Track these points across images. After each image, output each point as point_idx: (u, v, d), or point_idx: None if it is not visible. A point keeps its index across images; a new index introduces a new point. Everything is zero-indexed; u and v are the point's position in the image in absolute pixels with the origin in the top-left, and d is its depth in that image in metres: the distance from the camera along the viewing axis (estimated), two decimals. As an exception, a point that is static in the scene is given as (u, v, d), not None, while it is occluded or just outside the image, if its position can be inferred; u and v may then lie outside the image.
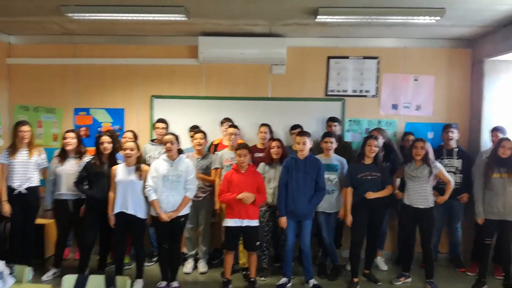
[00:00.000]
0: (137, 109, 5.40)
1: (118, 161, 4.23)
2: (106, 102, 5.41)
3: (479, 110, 4.96)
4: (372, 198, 4.18)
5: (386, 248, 5.04)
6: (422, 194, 4.16)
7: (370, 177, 4.23)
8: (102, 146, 4.21)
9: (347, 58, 5.27)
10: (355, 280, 4.31)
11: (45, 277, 4.34)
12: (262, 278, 4.45)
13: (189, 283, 4.40)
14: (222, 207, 4.45)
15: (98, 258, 4.42)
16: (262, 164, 4.44)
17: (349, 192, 4.29)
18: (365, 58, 5.27)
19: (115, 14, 4.19)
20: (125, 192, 4.04)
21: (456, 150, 4.76)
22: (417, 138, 4.35)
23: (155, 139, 4.95)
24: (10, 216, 4.26)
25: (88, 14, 4.22)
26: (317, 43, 5.23)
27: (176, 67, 5.35)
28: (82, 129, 5.32)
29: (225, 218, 4.14)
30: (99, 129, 5.31)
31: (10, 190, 4.26)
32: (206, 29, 4.87)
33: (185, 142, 4.71)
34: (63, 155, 4.38)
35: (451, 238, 4.98)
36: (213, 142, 4.99)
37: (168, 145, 4.03)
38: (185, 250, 4.74)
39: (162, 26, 4.79)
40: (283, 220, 4.15)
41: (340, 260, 4.86)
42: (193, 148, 4.66)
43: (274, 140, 4.47)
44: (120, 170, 4.07)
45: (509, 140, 4.02)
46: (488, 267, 4.26)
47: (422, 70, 5.25)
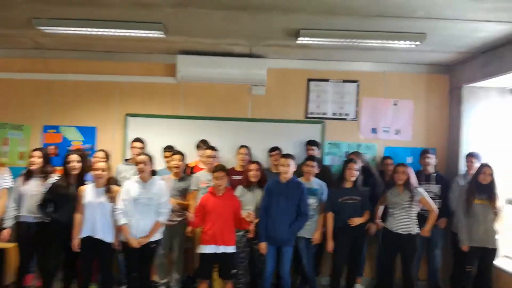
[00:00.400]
0: (110, 127, 5.20)
1: (87, 182, 3.99)
2: (77, 119, 5.19)
3: (458, 135, 4.96)
4: (356, 224, 4.08)
5: (364, 274, 4.89)
6: (405, 221, 4.08)
7: (351, 201, 4.15)
8: (69, 166, 3.97)
9: (327, 81, 5.24)
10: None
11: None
12: (238, 308, 4.22)
13: (160, 314, 4.15)
14: (196, 231, 4.24)
15: (62, 285, 4.11)
16: (240, 187, 4.28)
17: (330, 217, 4.19)
18: (345, 81, 5.25)
19: (90, 29, 4.03)
20: (93, 215, 3.79)
21: (434, 175, 4.73)
22: (398, 163, 4.31)
23: (129, 159, 4.73)
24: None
25: (61, 28, 4.05)
26: (297, 65, 5.19)
27: (153, 85, 5.20)
28: (51, 147, 5.07)
29: (200, 245, 3.92)
30: (69, 147, 5.06)
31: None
32: (186, 47, 4.76)
33: (159, 163, 4.53)
34: (28, 175, 4.11)
35: (430, 265, 4.89)
36: (187, 164, 4.80)
37: (140, 165, 3.83)
38: (156, 278, 4.48)
39: (139, 43, 4.65)
40: (263, 246, 3.98)
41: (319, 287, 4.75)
42: (167, 170, 4.47)
43: (253, 162, 4.33)
44: (89, 192, 3.83)
45: (489, 166, 3.99)
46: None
47: (401, 94, 5.26)
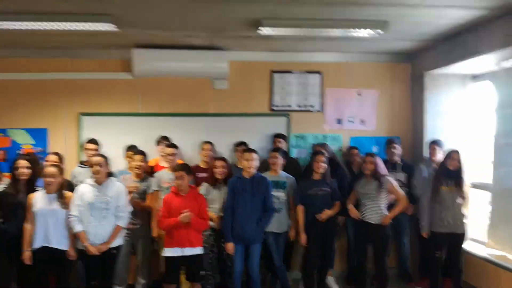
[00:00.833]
0: (63, 128, 4.88)
1: (38, 188, 3.68)
2: (27, 121, 4.83)
3: (421, 123, 4.99)
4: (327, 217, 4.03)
5: (335, 266, 4.84)
6: (375, 210, 4.06)
7: (320, 192, 4.10)
8: (18, 172, 3.65)
9: (291, 72, 5.13)
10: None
11: None
12: (208, 310, 4.07)
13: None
14: (161, 234, 4.03)
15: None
16: (205, 185, 4.11)
17: (300, 210, 4.12)
18: (308, 72, 5.16)
19: (33, 23, 3.68)
20: (46, 223, 3.51)
21: (400, 164, 4.73)
22: (367, 153, 4.30)
23: (85, 161, 4.44)
24: None
25: (3, 23, 3.69)
26: (260, 57, 5.05)
27: (108, 82, 4.92)
28: (-1, 152, 4.69)
29: (164, 248, 3.73)
30: (18, 151, 4.70)
31: None
32: (141, 40, 4.51)
33: (119, 164, 4.36)
34: (-28, 183, 3.76)
35: (399, 253, 4.92)
36: (148, 163, 4.57)
37: (95, 167, 3.58)
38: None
39: (91, 37, 4.34)
40: (230, 246, 3.83)
41: (290, 282, 4.65)
42: (128, 170, 4.23)
43: (218, 159, 4.17)
44: (39, 199, 3.54)
45: (457, 152, 4.00)
46: (438, 281, 4.18)
47: (365, 84, 5.23)
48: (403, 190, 4.59)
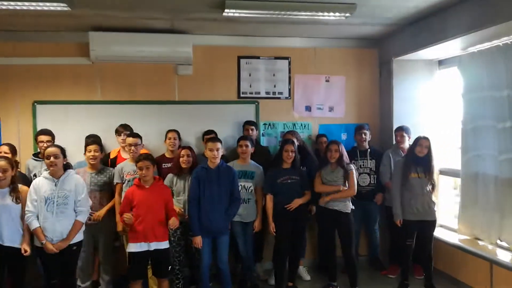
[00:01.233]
0: (15, 118, 4.53)
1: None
2: (-26, 111, 4.45)
3: (389, 110, 4.97)
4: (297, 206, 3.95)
5: (306, 255, 4.78)
6: (339, 198, 3.99)
7: (290, 180, 4.01)
8: (-36, 166, 3.34)
9: (258, 58, 4.98)
10: (281, 294, 4.00)
11: None
12: (177, 305, 3.92)
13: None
14: (126, 229, 3.82)
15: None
16: (170, 175, 3.93)
17: (269, 199, 4.02)
18: (276, 58, 5.03)
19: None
20: (-2, 220, 3.24)
21: (369, 150, 4.71)
22: (331, 141, 4.23)
23: (39, 153, 4.14)
24: None
25: None
26: (226, 42, 4.85)
27: (63, 68, 4.60)
28: None
29: (129, 243, 3.53)
30: (-34, 144, 4.32)
31: None
32: (98, 22, 4.22)
33: (79, 155, 4.10)
34: None
35: (370, 240, 4.93)
36: (109, 154, 4.33)
37: (51, 159, 3.31)
38: (78, 282, 4.00)
39: (43, 19, 4.04)
40: (198, 239, 3.67)
41: (261, 273, 4.58)
42: (86, 161, 3.98)
43: (183, 148, 3.99)
44: (-11, 194, 3.26)
45: (426, 138, 3.98)
46: (409, 268, 4.21)
47: (332, 70, 5.15)
48: (372, 178, 4.64)
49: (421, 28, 4.34)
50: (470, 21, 3.65)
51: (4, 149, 3.96)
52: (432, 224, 4.03)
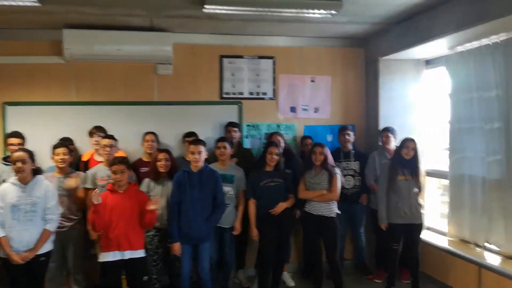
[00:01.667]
0: (-17, 120, 4.29)
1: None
2: None
3: (376, 110, 4.86)
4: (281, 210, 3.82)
5: (291, 260, 4.63)
6: (324, 202, 3.88)
7: (273, 183, 3.87)
8: None
9: (242, 57, 4.82)
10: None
11: None
12: (154, 317, 3.73)
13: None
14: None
15: None
16: (147, 180, 3.75)
17: (251, 204, 3.88)
18: (260, 57, 4.87)
19: None
20: (-39, 229, 3.03)
21: (353, 152, 4.58)
22: (315, 143, 4.10)
23: (9, 157, 3.90)
24: None
25: None
26: (208, 40, 4.69)
27: (36, 67, 4.38)
28: None
29: (101, 252, 3.33)
30: None
31: None
32: (72, 20, 4.02)
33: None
34: None
35: (355, 244, 4.81)
36: (81, 157, 4.12)
37: (18, 164, 3.11)
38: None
39: (14, 15, 3.84)
40: (176, 247, 3.49)
41: (244, 280, 4.42)
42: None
43: (161, 151, 3.81)
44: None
45: (412, 140, 3.87)
46: (396, 273, 4.09)
47: (318, 70, 5.02)
48: (356, 179, 4.52)
49: (408, 27, 4.23)
50: (458, 19, 3.55)
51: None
52: (419, 227, 3.92)
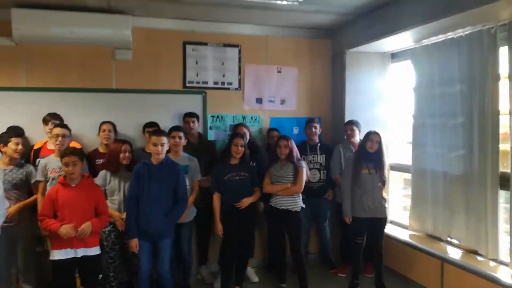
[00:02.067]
0: None
1: None
2: None
3: (342, 103, 4.80)
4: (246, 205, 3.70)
5: (255, 255, 4.51)
6: (290, 196, 3.80)
7: (238, 177, 3.75)
8: None
9: (206, 44, 4.63)
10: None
11: None
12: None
13: None
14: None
15: None
16: (103, 172, 3.53)
17: (216, 197, 3.75)
18: (225, 45, 4.69)
19: None
20: None
21: (319, 145, 4.52)
22: (280, 136, 4.01)
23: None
24: None
25: None
26: (170, 25, 4.45)
27: (-20, 49, 4.01)
28: None
29: (52, 250, 3.09)
30: None
31: None
32: (21, -2, 3.70)
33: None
34: None
35: (320, 239, 4.76)
36: (33, 146, 3.83)
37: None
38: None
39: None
40: (134, 243, 3.30)
41: (207, 277, 4.29)
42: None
43: (123, 142, 3.61)
44: None
45: (376, 133, 3.83)
46: (360, 267, 4.07)
47: (285, 61, 4.91)
48: (323, 173, 4.46)
49: (374, 18, 4.19)
50: (425, 11, 3.52)
51: None
52: (383, 221, 3.91)
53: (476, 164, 3.47)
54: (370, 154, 3.83)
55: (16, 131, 3.65)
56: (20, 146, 3.46)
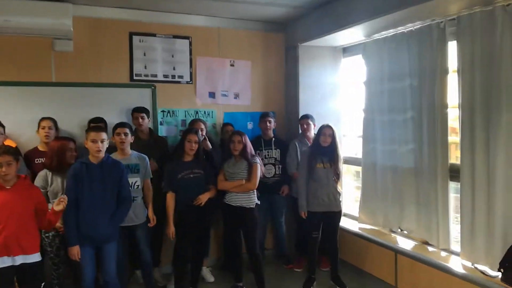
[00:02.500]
0: None
1: None
2: None
3: (295, 97, 4.78)
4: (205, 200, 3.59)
5: (210, 254, 4.42)
6: (244, 193, 3.72)
7: (192, 175, 3.62)
8: None
9: (155, 36, 4.42)
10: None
11: None
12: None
13: None
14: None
15: None
16: (43, 172, 3.25)
17: (170, 197, 3.60)
18: (175, 37, 4.51)
19: None
20: None
21: (273, 140, 4.47)
22: (233, 131, 3.93)
23: None
24: None
25: None
26: (115, 15, 4.19)
27: None
28: None
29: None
30: None
31: None
32: None
33: None
34: None
35: (276, 234, 4.74)
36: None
37: None
38: None
39: None
40: (74, 250, 3.04)
41: (159, 279, 4.11)
42: None
43: (69, 140, 3.37)
44: None
45: (329, 127, 3.82)
46: (315, 261, 4.07)
47: (238, 54, 4.80)
48: (278, 168, 4.42)
49: (326, 12, 4.18)
50: (376, 5, 3.54)
51: None
52: (337, 215, 3.92)
53: (426, 157, 3.55)
54: (324, 148, 3.82)
55: None
56: None
